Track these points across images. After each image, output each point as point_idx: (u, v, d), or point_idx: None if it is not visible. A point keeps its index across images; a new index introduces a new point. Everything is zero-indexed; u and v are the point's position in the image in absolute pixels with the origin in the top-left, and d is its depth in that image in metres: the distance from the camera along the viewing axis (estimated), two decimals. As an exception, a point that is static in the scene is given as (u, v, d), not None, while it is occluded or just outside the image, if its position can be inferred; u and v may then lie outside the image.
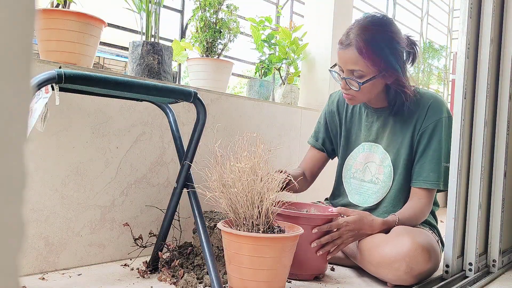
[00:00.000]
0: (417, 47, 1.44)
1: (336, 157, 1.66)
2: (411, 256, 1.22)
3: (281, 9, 2.53)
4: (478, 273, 1.46)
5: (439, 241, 1.45)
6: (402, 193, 1.45)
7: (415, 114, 1.43)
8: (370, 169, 1.51)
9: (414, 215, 1.39)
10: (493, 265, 1.55)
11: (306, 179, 1.63)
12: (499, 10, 1.56)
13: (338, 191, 1.62)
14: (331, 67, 1.46)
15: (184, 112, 1.58)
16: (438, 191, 1.45)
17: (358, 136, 1.55)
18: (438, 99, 1.45)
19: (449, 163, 1.41)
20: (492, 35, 1.49)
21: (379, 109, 1.49)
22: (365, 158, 1.52)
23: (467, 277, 1.43)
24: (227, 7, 1.97)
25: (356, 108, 1.57)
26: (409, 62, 1.43)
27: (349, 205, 1.54)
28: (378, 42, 1.32)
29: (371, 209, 1.48)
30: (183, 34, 2.07)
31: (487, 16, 1.49)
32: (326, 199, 1.71)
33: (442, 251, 1.44)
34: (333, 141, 1.64)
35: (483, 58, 1.49)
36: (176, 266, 1.25)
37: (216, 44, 1.95)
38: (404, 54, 1.40)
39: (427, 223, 1.49)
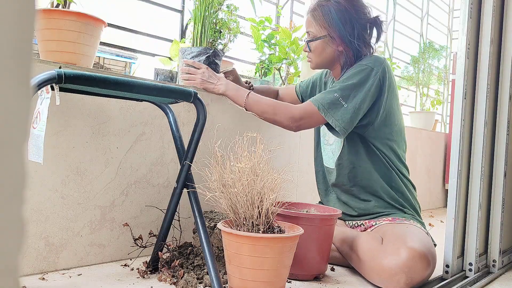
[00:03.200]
0: (380, 22, 1.55)
1: None
2: (410, 266, 1.21)
3: (281, 9, 2.53)
4: (478, 273, 1.46)
5: (428, 233, 1.43)
6: (355, 145, 1.53)
7: None
8: (328, 133, 1.63)
9: (269, 101, 1.49)
10: (493, 265, 1.55)
11: (277, 95, 1.88)
12: (499, 10, 1.56)
13: (315, 159, 1.75)
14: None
15: (184, 112, 1.58)
16: (330, 128, 1.49)
17: None
18: (370, 56, 1.51)
19: (345, 99, 1.42)
20: (492, 35, 1.49)
21: (337, 80, 1.60)
22: None
23: (467, 277, 1.43)
24: (227, 7, 1.97)
25: (329, 79, 1.71)
26: (372, 36, 1.55)
27: (327, 169, 1.66)
28: (330, 10, 1.49)
29: (338, 165, 1.58)
30: (183, 34, 2.07)
31: (487, 16, 1.49)
32: (320, 202, 1.74)
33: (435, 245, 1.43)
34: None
35: (483, 58, 1.49)
36: (176, 266, 1.25)
37: (216, 44, 1.95)
38: (368, 31, 1.53)
39: (407, 208, 1.51)
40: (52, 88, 0.94)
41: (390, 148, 1.53)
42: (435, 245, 1.41)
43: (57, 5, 1.39)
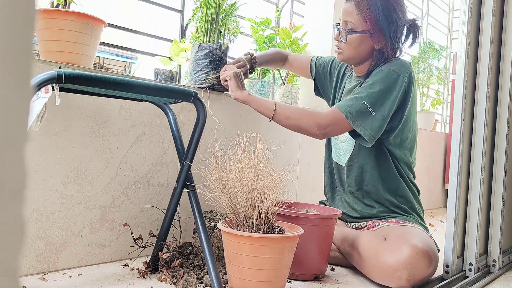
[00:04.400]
0: (418, 28, 1.49)
1: (317, 94, 1.80)
2: (412, 263, 1.21)
3: (280, 12, 2.53)
4: (478, 273, 1.46)
5: (431, 236, 1.44)
6: (367, 148, 1.49)
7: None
8: None
9: (299, 110, 1.45)
10: (493, 265, 1.55)
11: (285, 61, 1.79)
12: (499, 10, 1.56)
13: (325, 153, 1.71)
14: (336, 23, 1.53)
15: (184, 112, 1.58)
16: (354, 136, 1.45)
17: (337, 98, 1.66)
18: (396, 60, 1.46)
19: (373, 107, 1.38)
20: (492, 35, 1.49)
21: (358, 76, 1.56)
22: None
23: (467, 277, 1.43)
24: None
25: (346, 74, 1.65)
26: (407, 41, 1.50)
27: (337, 166, 1.62)
28: (377, 4, 1.41)
29: (348, 166, 1.55)
30: (183, 34, 2.07)
31: (487, 16, 1.49)
32: (320, 201, 1.74)
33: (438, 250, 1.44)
34: (324, 85, 1.74)
35: (483, 58, 1.49)
36: (176, 266, 1.25)
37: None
38: (404, 31, 1.47)
39: (411, 214, 1.50)
40: (52, 88, 0.94)
41: (403, 153, 1.52)
42: (438, 250, 1.41)
43: (57, 5, 1.38)
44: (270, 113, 1.43)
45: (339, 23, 1.49)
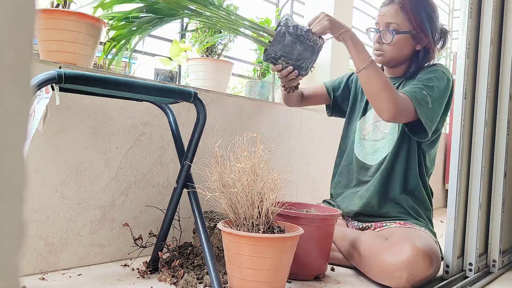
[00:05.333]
0: (448, 35, 1.55)
1: (332, 115, 1.77)
2: (413, 263, 1.21)
3: (280, 12, 2.53)
4: (478, 273, 1.46)
5: (437, 242, 1.44)
6: (404, 143, 1.49)
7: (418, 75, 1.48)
8: (378, 127, 1.56)
9: (388, 80, 1.36)
10: (493, 265, 1.55)
11: (299, 95, 1.70)
12: (499, 10, 1.56)
13: (342, 150, 1.67)
14: (369, 27, 1.53)
15: (184, 112, 1.58)
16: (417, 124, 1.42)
17: None
18: (438, 64, 1.50)
19: (432, 100, 1.38)
20: (492, 35, 1.49)
21: (395, 77, 1.56)
22: (373, 118, 1.57)
23: (467, 277, 1.43)
24: (227, 7, 1.97)
25: None
26: (439, 44, 1.53)
27: (361, 164, 1.58)
28: (419, 5, 1.45)
29: (378, 164, 1.52)
30: (183, 34, 2.06)
31: (487, 16, 1.49)
32: (324, 200, 1.72)
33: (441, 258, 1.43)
34: (344, 99, 1.71)
35: (483, 58, 1.49)
36: (176, 266, 1.25)
37: (216, 44, 1.95)
38: (437, 34, 1.50)
39: (422, 217, 1.49)
40: (52, 88, 0.94)
41: (433, 154, 1.54)
42: (442, 258, 1.40)
43: (57, 5, 1.38)
44: (361, 64, 1.35)
45: (375, 27, 1.50)
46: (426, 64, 1.51)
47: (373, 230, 1.50)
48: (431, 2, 1.49)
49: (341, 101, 1.74)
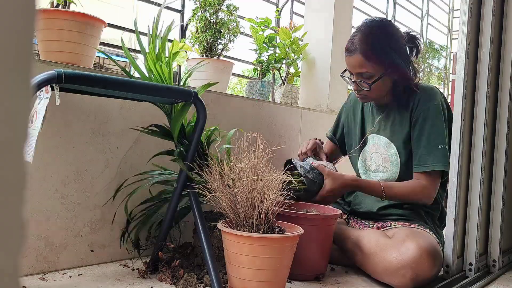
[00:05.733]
0: (418, 40, 1.54)
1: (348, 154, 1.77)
2: (417, 262, 1.21)
3: (279, 12, 2.53)
4: (478, 273, 1.46)
5: (440, 243, 1.44)
6: (408, 170, 1.52)
7: (410, 103, 1.51)
8: (374, 159, 1.59)
9: (405, 189, 1.45)
10: (493, 265, 1.55)
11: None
12: (499, 10, 1.56)
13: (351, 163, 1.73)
14: (342, 73, 1.56)
15: (184, 112, 1.58)
16: (443, 175, 1.48)
17: (368, 131, 1.66)
18: (429, 89, 1.52)
19: (445, 144, 1.44)
20: (492, 35, 1.49)
21: (383, 105, 1.59)
22: (370, 148, 1.61)
23: (467, 277, 1.43)
24: (227, 7, 1.97)
25: (368, 106, 1.66)
26: (413, 55, 1.54)
27: (360, 196, 1.63)
28: (380, 44, 1.44)
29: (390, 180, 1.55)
30: (183, 34, 2.07)
31: (487, 16, 1.49)
32: None
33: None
34: (346, 135, 1.75)
35: (483, 58, 1.49)
36: (176, 266, 1.25)
37: (216, 44, 1.95)
38: (408, 50, 1.51)
39: (430, 222, 1.49)
40: (52, 88, 0.94)
41: None
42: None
43: (57, 5, 1.38)
44: (380, 197, 1.48)
45: (346, 74, 1.53)
46: (414, 83, 1.51)
47: (376, 229, 1.50)
48: (387, 29, 1.47)
49: (347, 136, 1.77)
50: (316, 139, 1.68)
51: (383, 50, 1.43)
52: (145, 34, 1.91)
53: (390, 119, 1.55)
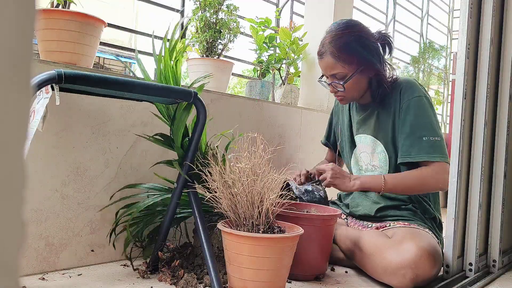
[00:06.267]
0: (389, 38, 1.57)
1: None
2: (417, 263, 1.21)
3: (279, 12, 2.53)
4: (478, 273, 1.46)
5: (439, 242, 1.44)
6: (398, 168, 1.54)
7: (392, 99, 1.53)
8: (363, 159, 1.62)
9: (405, 177, 1.45)
10: (493, 265, 1.55)
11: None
12: (499, 10, 1.56)
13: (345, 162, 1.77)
14: (319, 78, 1.59)
15: (184, 112, 1.58)
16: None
17: (354, 131, 1.68)
18: (409, 82, 1.53)
19: (432, 136, 1.44)
20: (492, 35, 1.49)
21: (365, 104, 1.61)
22: (359, 149, 1.63)
23: (467, 277, 1.43)
24: (227, 7, 1.97)
25: (353, 107, 1.68)
26: (386, 53, 1.56)
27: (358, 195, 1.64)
28: (348, 43, 1.46)
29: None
30: (183, 34, 2.07)
31: (487, 16, 1.49)
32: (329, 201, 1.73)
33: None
34: (338, 138, 1.78)
35: (483, 58, 1.49)
36: (176, 266, 1.25)
37: (216, 44, 1.95)
38: (380, 47, 1.53)
39: (429, 222, 1.49)
40: (52, 88, 0.94)
41: None
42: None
43: (57, 5, 1.38)
44: (379, 190, 1.47)
45: (323, 79, 1.56)
46: (390, 79, 1.53)
47: (376, 229, 1.50)
48: (354, 28, 1.49)
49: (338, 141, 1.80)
50: (305, 169, 1.63)
51: (352, 49, 1.45)
52: (147, 35, 1.91)
53: (374, 117, 1.57)
